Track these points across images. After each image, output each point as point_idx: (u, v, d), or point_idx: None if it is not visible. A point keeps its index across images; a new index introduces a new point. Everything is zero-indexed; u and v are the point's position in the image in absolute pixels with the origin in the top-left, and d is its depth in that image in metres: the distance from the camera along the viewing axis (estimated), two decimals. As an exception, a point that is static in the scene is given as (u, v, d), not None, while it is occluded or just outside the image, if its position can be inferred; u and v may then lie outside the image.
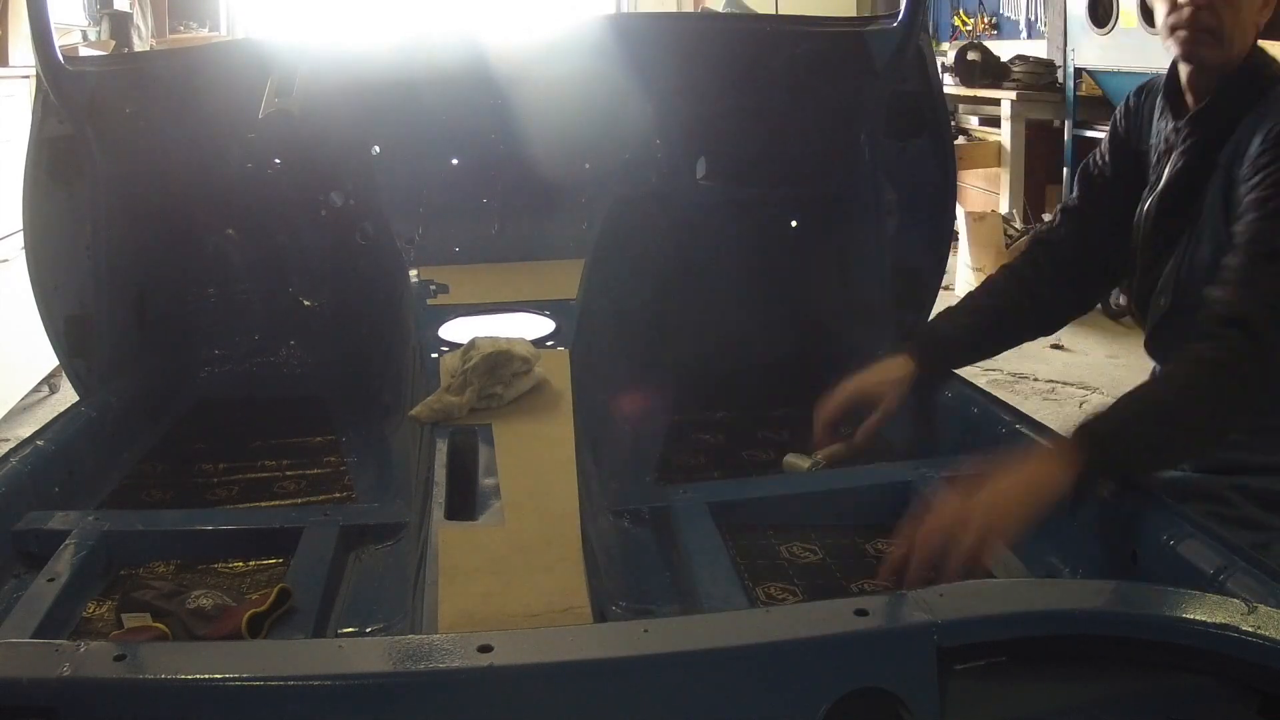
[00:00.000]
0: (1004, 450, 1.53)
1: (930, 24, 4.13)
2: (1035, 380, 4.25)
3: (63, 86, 1.99)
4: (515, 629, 1.10)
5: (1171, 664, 0.96)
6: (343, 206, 2.35)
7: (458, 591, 1.20)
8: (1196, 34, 1.58)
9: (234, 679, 0.89)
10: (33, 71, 2.44)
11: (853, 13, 7.05)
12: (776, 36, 2.28)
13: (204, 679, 0.89)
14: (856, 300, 2.35)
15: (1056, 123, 5.68)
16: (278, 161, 2.28)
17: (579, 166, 2.25)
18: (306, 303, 2.42)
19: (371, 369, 2.30)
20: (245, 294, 2.40)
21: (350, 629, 1.41)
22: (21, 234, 2.12)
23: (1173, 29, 1.60)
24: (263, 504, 1.85)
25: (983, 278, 2.38)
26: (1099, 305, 2.94)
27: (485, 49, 2.11)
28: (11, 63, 4.40)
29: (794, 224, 2.41)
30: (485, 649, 0.91)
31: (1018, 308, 1.81)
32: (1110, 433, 1.39)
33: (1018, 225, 5.40)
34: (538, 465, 1.47)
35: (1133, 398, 1.45)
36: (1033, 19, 6.67)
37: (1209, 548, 1.26)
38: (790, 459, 1.80)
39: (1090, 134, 5.27)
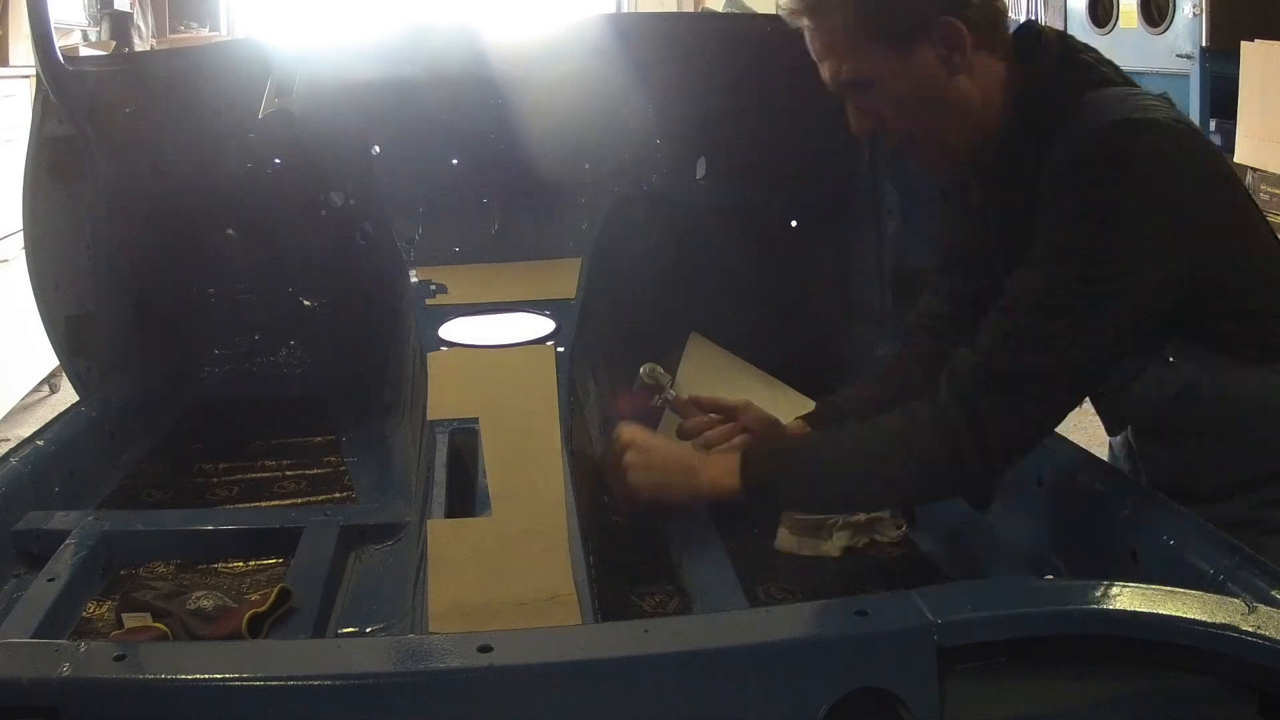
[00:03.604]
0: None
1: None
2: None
3: (63, 86, 1.99)
4: (505, 616, 1.11)
5: (1171, 664, 0.96)
6: (343, 206, 2.35)
7: (448, 581, 1.20)
8: (893, 145, 1.49)
9: (234, 679, 0.89)
10: (33, 71, 2.44)
11: (853, 13, 7.03)
12: (776, 36, 2.27)
13: (204, 679, 0.89)
14: (856, 301, 2.35)
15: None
16: (278, 161, 2.28)
17: (579, 166, 2.24)
18: (306, 303, 2.42)
19: (371, 369, 2.30)
20: (245, 294, 2.39)
21: (350, 629, 1.41)
22: (21, 234, 2.12)
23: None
24: (263, 504, 1.85)
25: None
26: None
27: (485, 49, 2.11)
28: (11, 63, 4.41)
29: (794, 224, 2.41)
30: (485, 649, 0.91)
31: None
32: (764, 478, 1.46)
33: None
34: (524, 458, 1.47)
35: (801, 446, 1.53)
36: (1033, 19, 6.68)
37: (1209, 548, 1.26)
38: None
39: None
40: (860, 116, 1.45)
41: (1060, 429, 1.64)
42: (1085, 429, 1.69)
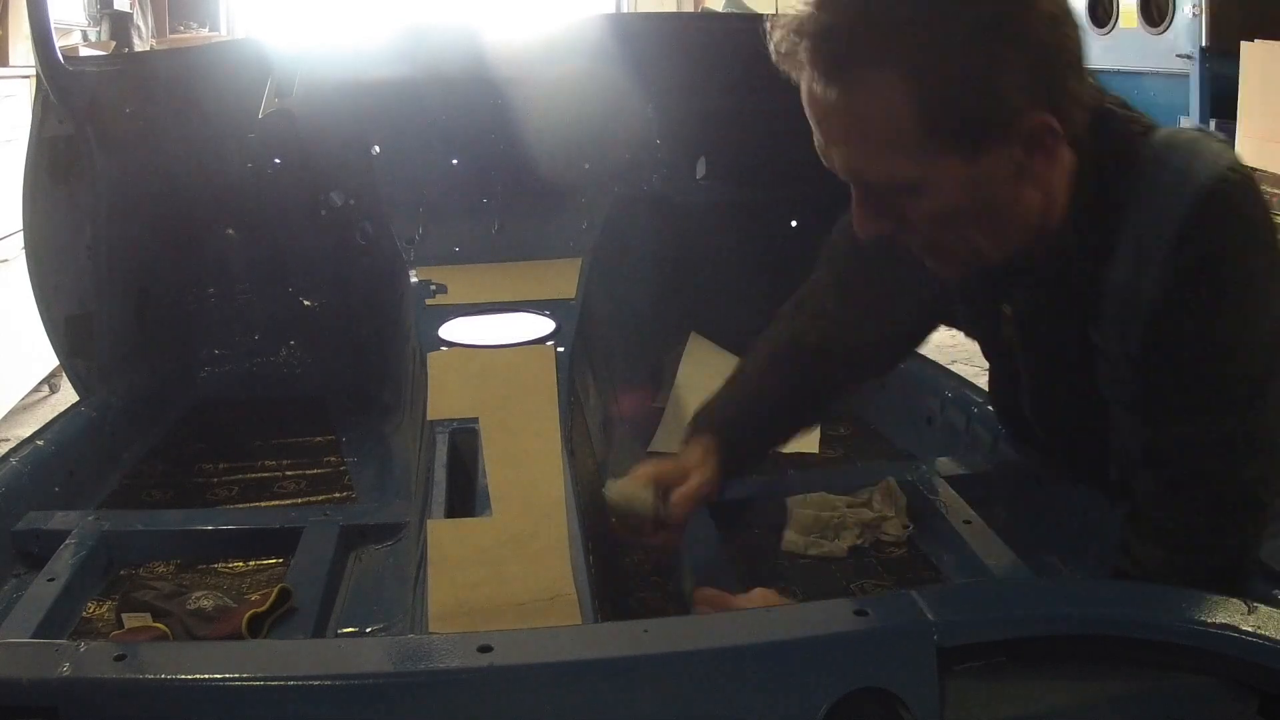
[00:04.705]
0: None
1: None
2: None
3: (63, 86, 1.99)
4: (504, 617, 1.11)
5: (1171, 664, 0.96)
6: (343, 206, 2.35)
7: (447, 582, 1.20)
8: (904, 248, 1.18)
9: (234, 679, 0.89)
10: (33, 71, 2.44)
11: (853, 13, 7.02)
12: (776, 36, 2.28)
13: (204, 679, 0.88)
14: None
15: (1056, 122, 5.67)
16: (278, 161, 2.28)
17: (579, 166, 2.25)
18: (306, 303, 2.42)
19: (371, 369, 2.30)
20: (245, 294, 2.40)
21: (350, 629, 1.41)
22: (21, 234, 2.12)
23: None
24: (263, 504, 1.85)
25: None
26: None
27: (485, 49, 2.11)
28: (11, 63, 4.40)
29: (794, 224, 2.41)
30: (485, 649, 0.91)
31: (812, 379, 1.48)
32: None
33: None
34: (524, 458, 1.47)
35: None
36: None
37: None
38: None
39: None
40: (875, 219, 1.13)
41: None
42: (1085, 429, 1.69)
